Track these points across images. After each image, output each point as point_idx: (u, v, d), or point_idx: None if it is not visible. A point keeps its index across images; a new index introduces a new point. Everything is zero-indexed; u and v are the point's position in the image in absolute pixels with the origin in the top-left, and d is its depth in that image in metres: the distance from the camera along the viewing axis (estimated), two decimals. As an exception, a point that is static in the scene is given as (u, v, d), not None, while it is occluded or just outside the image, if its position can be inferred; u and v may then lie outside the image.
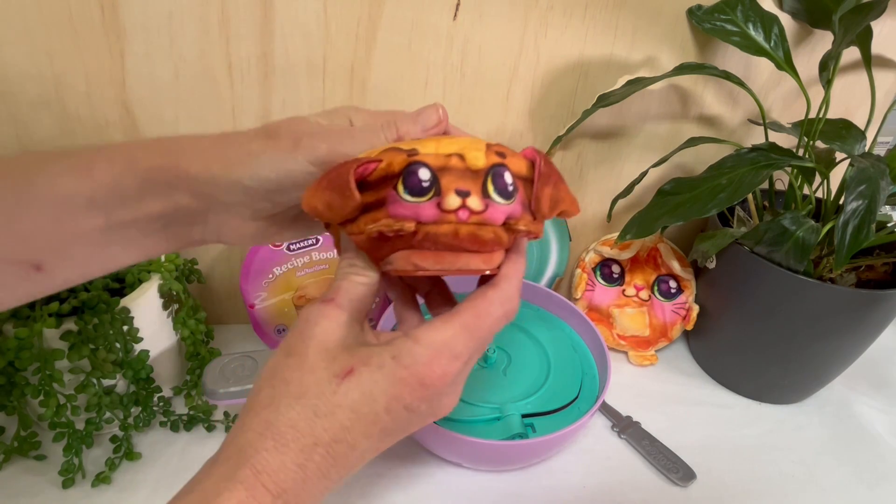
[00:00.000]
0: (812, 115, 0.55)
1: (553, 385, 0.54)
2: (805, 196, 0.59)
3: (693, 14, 0.55)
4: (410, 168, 0.27)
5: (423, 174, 0.26)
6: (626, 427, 0.57)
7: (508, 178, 0.28)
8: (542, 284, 0.66)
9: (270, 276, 0.57)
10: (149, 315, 0.50)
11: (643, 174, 0.58)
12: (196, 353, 0.54)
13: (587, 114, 0.55)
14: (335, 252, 0.51)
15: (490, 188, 0.27)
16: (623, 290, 0.68)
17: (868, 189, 0.45)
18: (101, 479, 0.47)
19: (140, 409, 0.50)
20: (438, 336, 0.28)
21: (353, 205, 0.27)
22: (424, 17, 0.51)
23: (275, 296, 0.58)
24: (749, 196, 0.60)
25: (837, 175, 0.56)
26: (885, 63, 0.63)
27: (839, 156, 0.59)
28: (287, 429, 0.26)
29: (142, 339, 0.49)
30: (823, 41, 0.60)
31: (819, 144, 0.58)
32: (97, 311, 0.46)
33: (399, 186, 0.27)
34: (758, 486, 0.54)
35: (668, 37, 0.57)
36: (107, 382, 0.47)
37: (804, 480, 0.55)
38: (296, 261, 0.57)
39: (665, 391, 0.63)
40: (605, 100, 0.54)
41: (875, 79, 0.55)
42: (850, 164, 0.48)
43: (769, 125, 0.58)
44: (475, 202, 0.27)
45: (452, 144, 0.28)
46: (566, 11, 0.53)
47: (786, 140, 0.60)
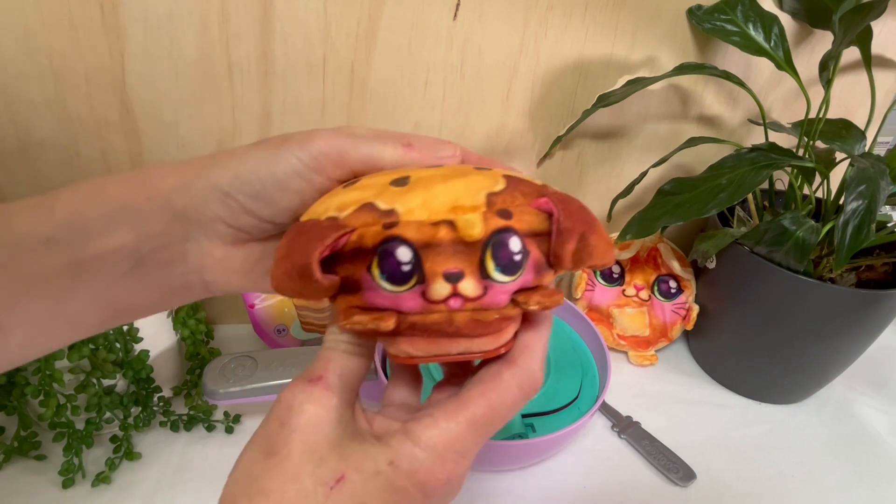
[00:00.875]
0: (812, 115, 0.55)
1: (553, 385, 0.54)
2: (805, 196, 0.59)
3: (693, 14, 0.55)
4: (386, 247, 0.21)
5: (403, 254, 0.21)
6: (626, 427, 0.57)
7: (515, 246, 0.22)
8: (542, 284, 0.66)
9: (270, 276, 0.57)
10: (149, 315, 0.50)
11: (643, 174, 0.58)
12: (196, 353, 0.54)
13: (587, 114, 0.55)
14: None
15: (490, 265, 0.21)
16: (623, 290, 0.68)
17: (868, 189, 0.45)
18: (101, 479, 0.47)
19: (140, 409, 0.50)
20: (442, 438, 0.24)
21: (322, 291, 0.22)
22: (424, 17, 0.51)
23: (275, 296, 0.58)
24: (749, 196, 0.60)
25: (837, 175, 0.56)
26: (885, 63, 0.63)
27: (839, 156, 0.59)
28: None
29: (142, 339, 0.49)
30: (823, 41, 0.60)
31: (819, 144, 0.58)
32: (97, 311, 0.46)
33: (374, 270, 0.22)
34: (758, 486, 0.54)
35: (668, 37, 0.57)
36: (107, 382, 0.47)
37: (804, 480, 0.55)
38: (296, 261, 0.57)
39: (665, 391, 0.63)
40: (605, 100, 0.54)
41: (875, 79, 0.55)
42: (850, 164, 0.48)
43: (769, 125, 0.58)
44: (469, 287, 0.21)
45: (446, 194, 0.22)
46: (566, 12, 0.53)
47: (786, 140, 0.60)
